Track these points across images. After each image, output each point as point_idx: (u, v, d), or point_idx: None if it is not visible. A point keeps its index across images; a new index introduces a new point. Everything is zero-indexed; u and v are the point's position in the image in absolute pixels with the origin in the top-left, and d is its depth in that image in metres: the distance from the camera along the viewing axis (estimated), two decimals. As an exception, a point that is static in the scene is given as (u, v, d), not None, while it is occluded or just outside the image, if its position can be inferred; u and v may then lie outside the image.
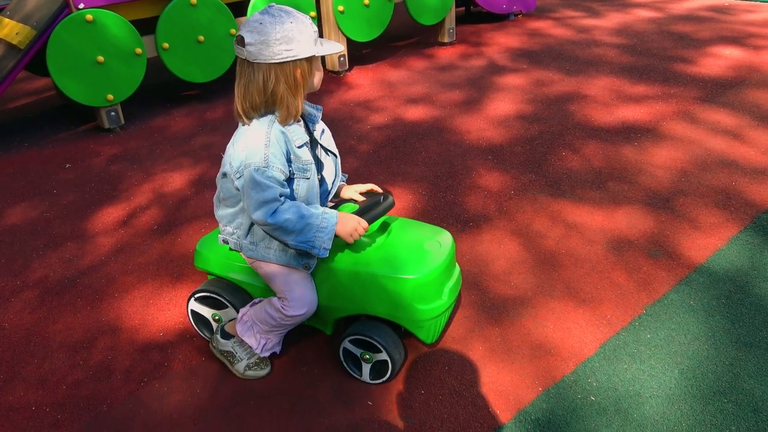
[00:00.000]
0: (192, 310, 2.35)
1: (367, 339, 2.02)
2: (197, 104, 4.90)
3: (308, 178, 1.92)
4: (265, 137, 1.82)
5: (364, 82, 5.21)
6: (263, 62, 1.78)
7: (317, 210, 1.88)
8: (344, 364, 2.15)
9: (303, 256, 1.98)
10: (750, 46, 5.43)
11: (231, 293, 2.25)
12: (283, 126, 1.87)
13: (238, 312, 2.21)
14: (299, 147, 1.89)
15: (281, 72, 1.79)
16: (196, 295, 2.30)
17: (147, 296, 2.68)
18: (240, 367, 2.17)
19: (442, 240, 2.08)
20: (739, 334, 2.24)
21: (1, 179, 3.85)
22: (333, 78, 5.33)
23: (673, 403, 1.97)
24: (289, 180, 1.88)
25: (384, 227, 2.12)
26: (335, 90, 5.06)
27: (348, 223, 1.91)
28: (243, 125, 1.91)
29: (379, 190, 2.12)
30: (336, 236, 1.89)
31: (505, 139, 3.96)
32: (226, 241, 2.08)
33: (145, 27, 4.42)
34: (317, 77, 1.89)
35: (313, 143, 2.01)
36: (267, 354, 2.15)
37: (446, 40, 6.07)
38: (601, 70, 5.11)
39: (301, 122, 1.97)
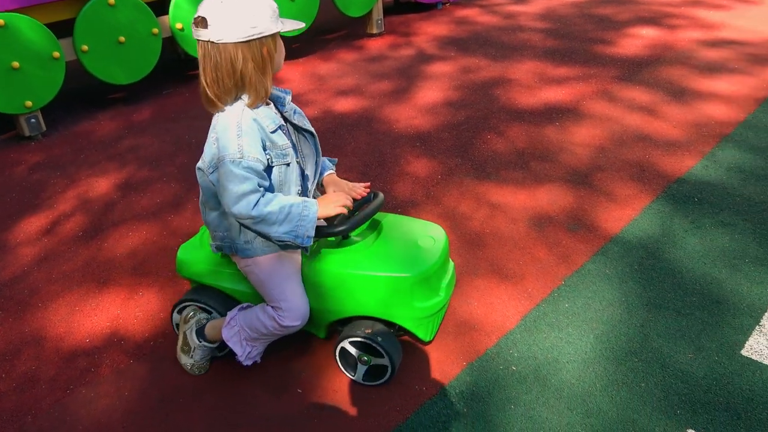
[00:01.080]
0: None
1: (371, 343, 1.97)
2: (123, 107, 4.80)
3: (288, 164, 1.87)
4: (237, 127, 1.76)
5: (293, 76, 5.20)
6: (229, 42, 1.71)
7: (297, 199, 1.84)
8: (339, 363, 2.11)
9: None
10: (666, 26, 5.66)
11: (218, 301, 2.16)
12: (253, 110, 1.80)
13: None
14: (273, 132, 1.83)
15: (248, 51, 1.73)
16: (180, 306, 2.21)
17: (72, 303, 2.63)
18: (185, 360, 2.15)
19: (435, 235, 2.06)
20: (650, 298, 2.36)
21: None
22: (262, 74, 5.29)
23: (588, 366, 2.07)
24: (269, 168, 1.83)
25: (374, 225, 2.08)
26: (265, 86, 5.02)
27: (329, 203, 1.89)
28: (216, 114, 1.84)
29: (366, 185, 2.06)
30: (323, 229, 1.87)
31: (432, 126, 4.03)
32: (220, 248, 1.99)
33: (63, 30, 4.31)
34: (281, 55, 1.84)
35: (287, 126, 1.93)
36: (250, 362, 2.06)
37: (375, 31, 6.11)
38: (525, 54, 5.24)
39: (271, 105, 1.91)
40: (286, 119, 1.94)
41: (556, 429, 1.87)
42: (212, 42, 1.73)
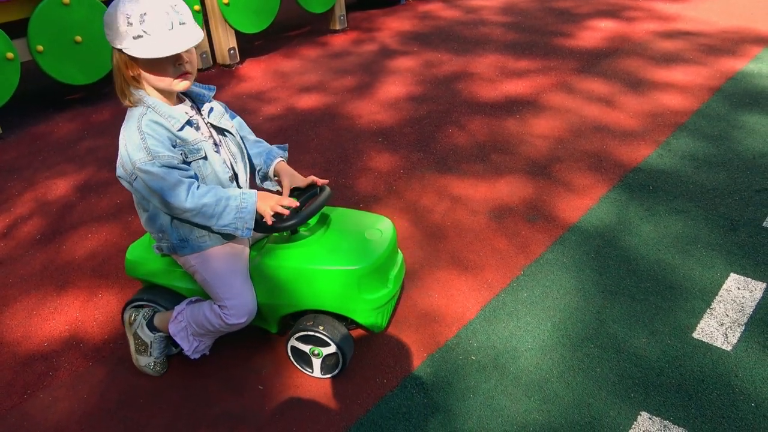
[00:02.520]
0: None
1: (315, 334, 1.99)
2: (82, 107, 4.72)
3: (205, 158, 1.87)
4: (138, 133, 1.77)
5: (256, 74, 5.17)
6: (114, 48, 1.75)
7: (235, 191, 1.85)
8: (294, 362, 2.12)
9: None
10: (624, 18, 5.75)
11: (169, 300, 2.14)
12: (154, 111, 1.81)
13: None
14: (180, 129, 1.83)
15: (120, 57, 1.77)
16: (132, 305, 2.19)
17: (30, 308, 2.59)
18: (143, 361, 2.13)
19: (383, 227, 2.07)
20: (606, 284, 2.41)
21: None
22: (224, 71, 5.26)
23: (545, 353, 2.11)
24: (186, 164, 1.83)
25: (323, 219, 2.09)
26: (226, 84, 4.99)
27: (268, 200, 1.89)
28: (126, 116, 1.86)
29: (319, 181, 2.05)
30: (260, 219, 1.87)
31: (395, 120, 4.04)
32: (160, 249, 2.00)
33: (16, 30, 4.21)
34: (160, 78, 1.81)
35: (200, 123, 1.92)
36: (197, 356, 2.07)
37: (338, 27, 6.10)
38: (487, 48, 5.28)
39: (185, 103, 1.92)
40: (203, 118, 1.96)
41: (514, 416, 1.90)
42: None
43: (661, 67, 4.51)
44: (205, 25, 5.15)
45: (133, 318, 2.14)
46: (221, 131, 1.99)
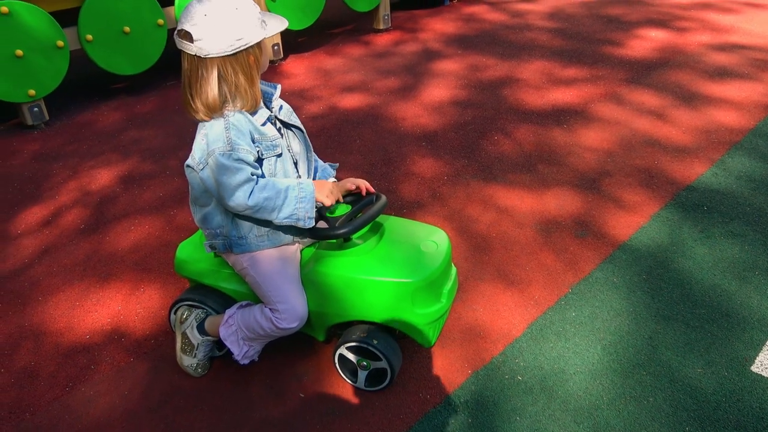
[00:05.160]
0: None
1: (367, 347, 1.94)
2: (126, 97, 4.76)
3: (280, 155, 1.87)
4: (224, 121, 1.76)
5: (299, 71, 5.16)
6: (216, 56, 1.71)
7: (292, 181, 1.84)
8: (339, 370, 2.08)
9: (294, 232, 1.93)
10: (675, 29, 5.61)
11: (217, 301, 2.12)
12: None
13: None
14: (263, 125, 1.84)
15: (236, 63, 1.74)
16: (182, 303, 2.16)
17: (73, 298, 2.60)
18: (187, 361, 2.12)
19: (438, 240, 2.01)
20: (658, 308, 2.33)
21: None
22: (268, 67, 5.25)
23: (595, 378, 2.04)
24: (260, 161, 1.83)
25: (376, 228, 2.04)
26: (269, 80, 4.98)
27: (324, 187, 1.88)
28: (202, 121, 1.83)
29: (369, 185, 2.03)
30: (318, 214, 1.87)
31: (439, 125, 3.99)
32: (214, 247, 1.96)
33: (68, 18, 4.26)
34: (267, 56, 1.86)
35: (276, 120, 1.93)
36: (247, 362, 2.04)
37: (381, 26, 6.05)
38: (533, 54, 5.19)
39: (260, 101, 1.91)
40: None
41: (562, 442, 1.84)
42: (199, 57, 1.72)
43: (714, 81, 4.38)
44: (251, 19, 5.14)
45: (184, 317, 2.13)
46: (288, 127, 1.97)
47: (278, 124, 1.94)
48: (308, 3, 5.33)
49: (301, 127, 1.99)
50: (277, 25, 1.81)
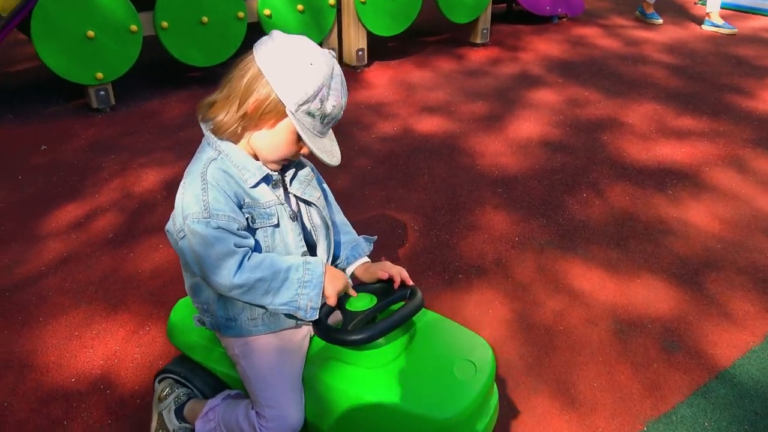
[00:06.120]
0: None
1: None
2: (198, 89, 4.53)
3: (276, 225, 1.51)
4: (201, 180, 1.42)
5: (381, 81, 4.78)
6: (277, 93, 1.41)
7: (296, 260, 1.48)
8: None
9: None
10: (819, 82, 4.82)
11: (205, 382, 1.78)
12: (232, 158, 1.46)
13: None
14: (254, 186, 1.47)
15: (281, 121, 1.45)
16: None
17: (74, 326, 2.34)
18: None
19: (479, 359, 1.58)
20: (761, 481, 1.79)
21: (-31, 157, 3.56)
22: (349, 73, 4.90)
23: None
24: (250, 230, 1.48)
25: (407, 327, 1.63)
26: (349, 87, 4.60)
27: (337, 281, 1.51)
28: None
29: (407, 276, 1.63)
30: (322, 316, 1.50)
31: (521, 168, 3.50)
32: (202, 322, 1.64)
33: (145, 2, 4.05)
34: (298, 154, 1.53)
35: (279, 183, 1.55)
36: None
37: (479, 40, 5.57)
38: (644, 93, 4.58)
39: None
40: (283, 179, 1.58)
41: None
42: (260, 71, 1.39)
43: None
44: (337, 21, 4.81)
45: (164, 394, 1.80)
46: (302, 200, 1.60)
47: (280, 188, 1.55)
48: (400, 9, 4.92)
49: (317, 203, 1.61)
50: (326, 152, 1.46)
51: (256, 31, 4.79)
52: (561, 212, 3.07)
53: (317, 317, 1.50)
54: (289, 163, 1.57)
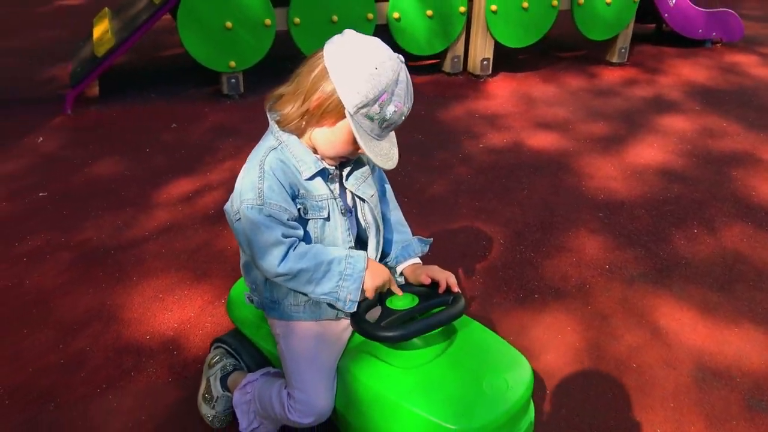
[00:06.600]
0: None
1: None
2: (322, 85, 4.70)
3: (327, 219, 1.55)
4: (259, 168, 1.48)
5: (502, 93, 4.69)
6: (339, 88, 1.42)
7: (340, 252, 1.52)
8: None
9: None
10: None
11: (251, 356, 1.85)
12: (291, 148, 1.50)
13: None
14: (309, 179, 1.52)
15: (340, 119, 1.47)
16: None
17: (160, 288, 2.52)
18: (205, 410, 1.87)
19: (515, 378, 1.51)
20: None
21: (113, 129, 3.94)
22: (471, 82, 4.87)
23: None
24: (302, 220, 1.53)
25: (448, 333, 1.61)
26: (467, 96, 4.60)
27: (377, 276, 1.52)
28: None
29: (454, 282, 1.60)
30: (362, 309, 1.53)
31: (631, 195, 3.29)
32: (251, 300, 1.73)
33: (280, -1, 4.29)
34: (354, 153, 1.54)
35: (335, 178, 1.59)
36: None
37: (615, 60, 5.30)
38: (794, 130, 4.13)
39: None
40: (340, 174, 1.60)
41: None
42: (326, 69, 1.42)
43: None
44: (466, 28, 4.79)
45: (213, 362, 1.90)
46: (356, 197, 1.63)
47: (336, 183, 1.57)
48: (532, 21, 4.81)
49: (369, 201, 1.61)
50: (381, 156, 1.46)
51: (384, 33, 4.90)
52: (663, 246, 2.85)
53: (355, 310, 1.51)
54: (347, 160, 1.59)
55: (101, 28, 4.59)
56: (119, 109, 4.19)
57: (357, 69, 1.38)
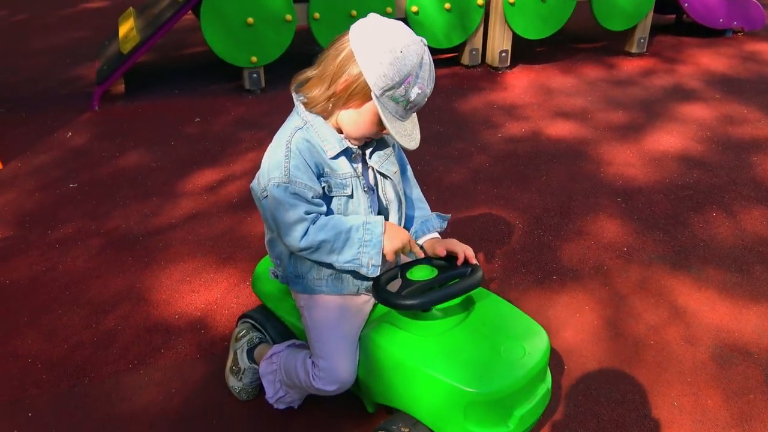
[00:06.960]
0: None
1: None
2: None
3: (350, 196, 1.61)
4: (285, 148, 1.54)
5: (520, 84, 4.72)
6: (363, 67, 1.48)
7: (357, 220, 1.57)
8: None
9: (360, 280, 1.67)
10: None
11: (276, 330, 1.93)
12: (315, 129, 1.56)
13: None
14: (333, 158, 1.58)
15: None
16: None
17: (187, 272, 2.60)
18: (232, 382, 1.96)
19: (531, 345, 1.57)
20: None
21: (138, 123, 4.04)
22: (489, 73, 4.90)
23: None
24: (326, 197, 1.59)
25: (466, 304, 1.68)
26: (485, 88, 4.63)
27: (396, 239, 1.58)
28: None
29: (471, 255, 1.65)
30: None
31: (649, 180, 3.30)
32: (276, 275, 1.79)
33: (301, -6, 4.36)
34: (378, 133, 1.61)
35: (358, 157, 1.65)
36: (281, 407, 1.85)
37: (634, 50, 5.30)
38: (816, 116, 4.10)
39: None
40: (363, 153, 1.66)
41: None
42: (352, 53, 1.48)
43: None
44: (484, 20, 4.82)
45: (240, 335, 1.97)
46: (379, 174, 1.69)
47: (359, 162, 1.63)
48: (550, 12, 4.83)
49: (392, 177, 1.68)
50: (405, 136, 1.53)
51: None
52: (682, 229, 2.87)
53: (378, 274, 1.57)
54: (370, 140, 1.65)
55: (126, 26, 4.71)
56: (144, 104, 4.29)
57: (383, 53, 1.44)
